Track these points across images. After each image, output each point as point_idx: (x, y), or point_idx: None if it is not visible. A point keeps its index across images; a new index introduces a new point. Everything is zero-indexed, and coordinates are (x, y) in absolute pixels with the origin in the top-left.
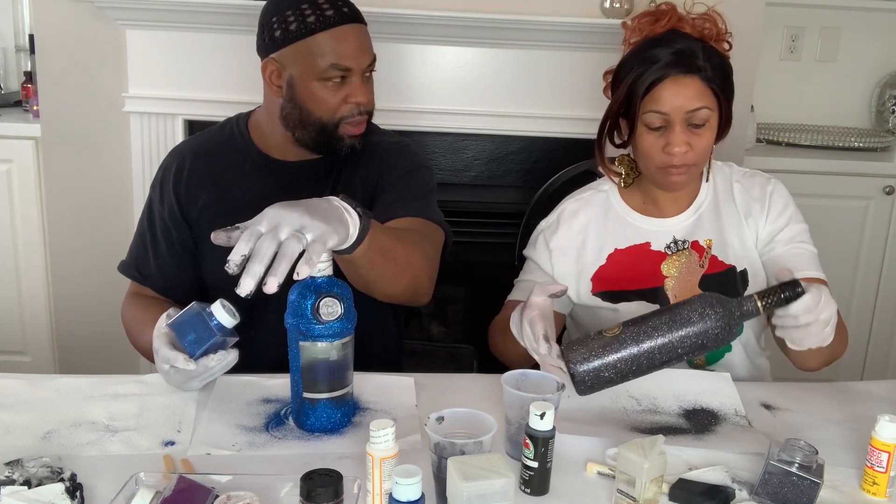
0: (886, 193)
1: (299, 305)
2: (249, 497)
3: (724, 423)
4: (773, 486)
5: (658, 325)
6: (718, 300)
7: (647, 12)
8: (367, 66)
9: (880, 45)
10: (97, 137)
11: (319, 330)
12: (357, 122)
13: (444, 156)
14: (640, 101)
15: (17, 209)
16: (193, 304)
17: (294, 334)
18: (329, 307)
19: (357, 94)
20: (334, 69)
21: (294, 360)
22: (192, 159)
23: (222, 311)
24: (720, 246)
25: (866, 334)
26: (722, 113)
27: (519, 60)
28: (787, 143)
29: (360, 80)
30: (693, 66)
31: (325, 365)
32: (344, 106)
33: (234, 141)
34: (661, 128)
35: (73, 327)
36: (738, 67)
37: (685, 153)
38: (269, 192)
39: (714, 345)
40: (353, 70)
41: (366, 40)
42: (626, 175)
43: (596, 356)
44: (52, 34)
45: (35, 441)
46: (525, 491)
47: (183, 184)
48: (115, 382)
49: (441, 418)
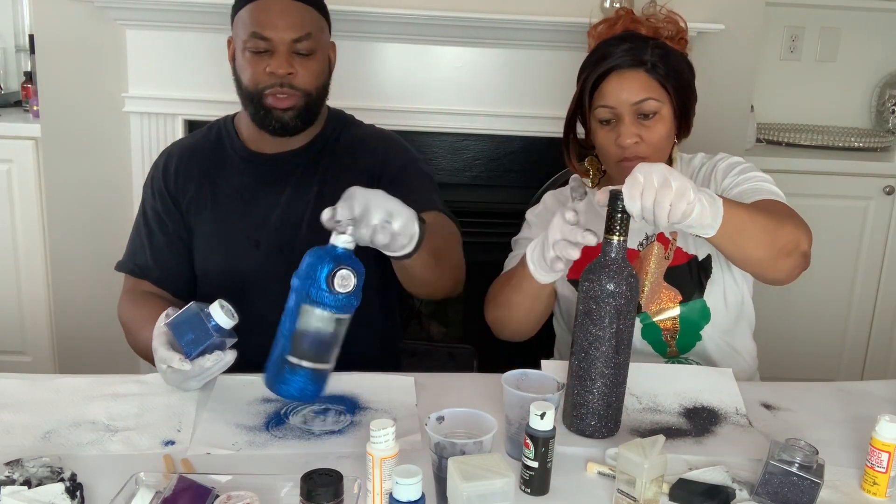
0: (886, 193)
1: (314, 270)
2: (249, 497)
3: (724, 423)
4: (774, 486)
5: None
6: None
7: (604, 19)
8: (294, 41)
9: (880, 45)
10: (97, 137)
11: (328, 299)
12: (278, 93)
13: (444, 156)
14: (589, 97)
15: (17, 209)
16: (192, 304)
17: (300, 296)
18: (344, 279)
19: (273, 63)
20: (254, 38)
21: (288, 322)
22: (180, 156)
23: (220, 313)
24: (683, 236)
25: (866, 334)
26: (675, 107)
27: (519, 60)
28: (787, 143)
29: (283, 52)
30: (637, 60)
31: (319, 335)
32: (264, 76)
33: (220, 136)
34: (610, 121)
35: (73, 327)
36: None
37: (636, 145)
38: (248, 184)
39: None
40: (274, 41)
41: (293, 15)
42: (594, 175)
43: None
44: (52, 34)
45: (35, 441)
46: (525, 491)
47: (172, 178)
48: (115, 382)
49: (441, 418)
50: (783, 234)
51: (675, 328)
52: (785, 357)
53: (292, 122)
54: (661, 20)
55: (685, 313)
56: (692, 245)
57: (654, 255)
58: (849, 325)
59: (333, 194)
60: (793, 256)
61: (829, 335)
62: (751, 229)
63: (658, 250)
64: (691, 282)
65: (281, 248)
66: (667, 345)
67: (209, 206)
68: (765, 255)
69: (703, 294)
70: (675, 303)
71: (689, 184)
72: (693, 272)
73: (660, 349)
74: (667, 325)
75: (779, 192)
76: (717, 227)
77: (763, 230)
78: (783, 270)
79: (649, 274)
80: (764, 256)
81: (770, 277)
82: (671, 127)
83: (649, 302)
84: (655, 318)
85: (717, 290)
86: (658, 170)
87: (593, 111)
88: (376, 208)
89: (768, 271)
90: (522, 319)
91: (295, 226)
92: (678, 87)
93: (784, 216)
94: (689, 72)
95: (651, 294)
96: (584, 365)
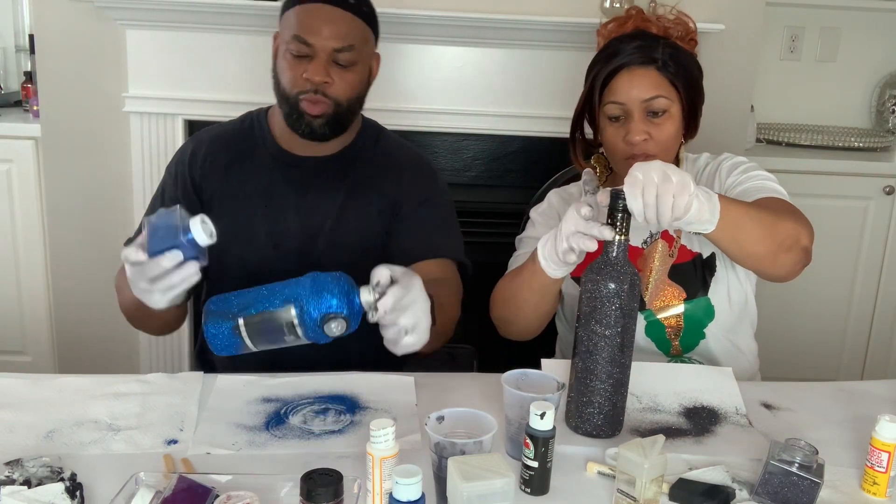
0: (886, 193)
1: (323, 296)
2: (249, 497)
3: (724, 423)
4: (774, 486)
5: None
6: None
7: (614, 18)
8: (335, 50)
9: (880, 45)
10: (97, 137)
11: (310, 326)
12: (312, 99)
13: (444, 156)
14: (599, 93)
15: (17, 209)
16: (177, 207)
17: (293, 296)
18: (336, 327)
19: (311, 70)
20: (296, 41)
21: (267, 302)
22: (210, 145)
23: (198, 227)
24: (688, 234)
25: (866, 334)
26: (684, 107)
27: (519, 60)
28: (787, 143)
29: (322, 59)
30: (649, 58)
31: (278, 333)
32: (300, 81)
33: (252, 129)
34: (620, 118)
35: (73, 327)
36: (738, 67)
37: (645, 142)
38: (274, 181)
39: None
40: (316, 48)
41: (339, 24)
42: (601, 172)
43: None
44: (52, 34)
45: (38, 440)
46: (525, 491)
47: (198, 167)
48: (117, 382)
49: (441, 418)
50: (782, 228)
51: (679, 326)
52: (785, 357)
53: (321, 129)
54: (670, 21)
55: (689, 311)
56: (696, 243)
57: (659, 253)
58: (849, 325)
59: (357, 210)
60: (793, 252)
61: (829, 335)
62: (749, 225)
63: (662, 247)
64: (695, 279)
65: (298, 253)
66: (670, 342)
67: (232, 199)
68: (765, 250)
69: (708, 292)
70: (679, 300)
71: (688, 176)
72: (697, 270)
73: (663, 347)
74: (671, 323)
75: (781, 190)
76: (715, 222)
77: (761, 225)
78: (784, 266)
79: (653, 271)
80: (764, 252)
81: (772, 273)
82: (679, 126)
83: (653, 298)
84: (659, 315)
85: (721, 288)
86: (655, 166)
87: (603, 107)
88: (411, 314)
89: (770, 267)
90: (531, 316)
91: (314, 234)
92: (688, 86)
93: (783, 212)
94: (698, 72)
95: (655, 291)
96: (587, 365)
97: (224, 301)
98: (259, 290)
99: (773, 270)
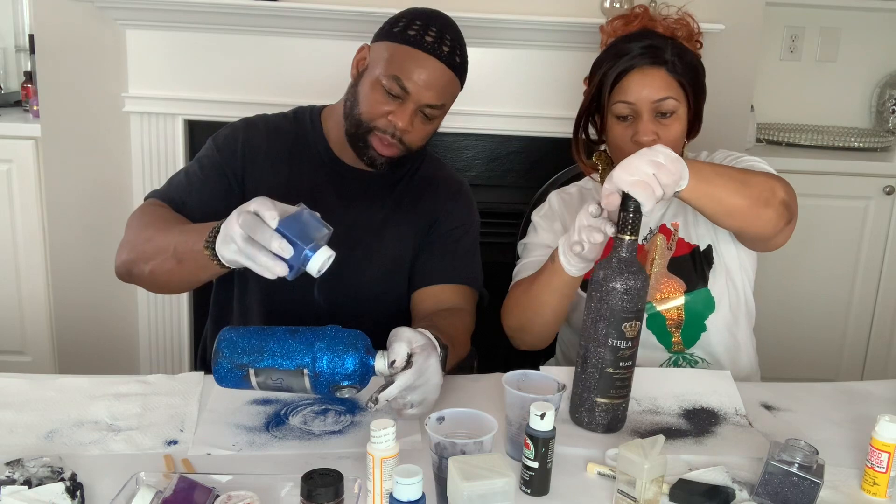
0: (886, 193)
1: (337, 366)
2: (249, 497)
3: (724, 424)
4: (774, 487)
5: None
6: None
7: (620, 15)
8: (426, 105)
9: (880, 45)
10: (97, 137)
11: (320, 391)
12: (387, 141)
13: (444, 156)
14: (608, 92)
15: (17, 209)
16: (329, 228)
17: (302, 364)
18: (348, 392)
19: (398, 115)
20: (394, 81)
21: (280, 359)
22: (266, 132)
23: (321, 255)
24: (685, 227)
25: (866, 334)
26: (690, 108)
27: (519, 60)
28: (787, 143)
29: (410, 109)
30: (659, 59)
31: (289, 390)
32: (382, 118)
33: (304, 128)
34: (628, 117)
35: (73, 327)
36: (738, 67)
37: (653, 142)
38: (319, 184)
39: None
40: (411, 95)
41: (438, 82)
42: (603, 170)
43: None
44: (52, 34)
45: (38, 440)
46: (525, 491)
47: (249, 149)
48: (118, 382)
49: (441, 418)
50: (755, 182)
51: (679, 318)
52: (785, 357)
53: (382, 167)
54: (674, 21)
55: (690, 303)
56: (694, 235)
57: (658, 247)
58: (849, 325)
59: (397, 227)
60: (772, 206)
61: (829, 335)
62: (719, 180)
63: (661, 241)
64: (695, 272)
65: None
66: (671, 335)
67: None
68: (742, 203)
69: (707, 284)
70: (679, 293)
71: (660, 146)
72: (696, 262)
73: (664, 341)
74: (672, 315)
75: (766, 166)
76: (686, 176)
77: (733, 180)
78: (769, 221)
79: (654, 265)
80: (741, 205)
81: (757, 232)
82: (685, 127)
83: (654, 291)
84: (660, 307)
85: (720, 279)
86: (640, 162)
87: (611, 106)
88: (420, 393)
89: (753, 225)
90: (550, 319)
91: (353, 245)
92: (694, 87)
93: (755, 171)
94: (703, 72)
95: (656, 284)
96: (595, 360)
97: (237, 344)
98: (273, 340)
99: (757, 228)
